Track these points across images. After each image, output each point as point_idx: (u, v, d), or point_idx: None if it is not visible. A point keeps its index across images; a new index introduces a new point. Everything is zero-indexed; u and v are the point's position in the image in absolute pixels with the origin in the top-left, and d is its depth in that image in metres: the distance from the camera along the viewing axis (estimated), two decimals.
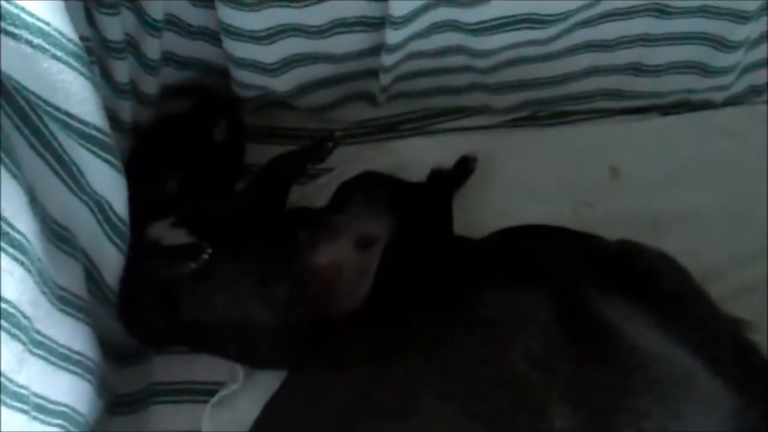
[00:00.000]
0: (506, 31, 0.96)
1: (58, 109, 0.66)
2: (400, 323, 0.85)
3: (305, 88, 1.06)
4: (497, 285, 0.85)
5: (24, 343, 0.65)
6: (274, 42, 0.94)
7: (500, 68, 1.05)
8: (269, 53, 0.96)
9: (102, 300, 0.88)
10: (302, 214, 1.02)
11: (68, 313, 0.76)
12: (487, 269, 0.90)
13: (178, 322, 0.91)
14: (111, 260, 0.85)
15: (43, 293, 0.68)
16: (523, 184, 1.12)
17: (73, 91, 0.66)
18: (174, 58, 1.00)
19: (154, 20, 0.89)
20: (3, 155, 0.61)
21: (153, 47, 0.92)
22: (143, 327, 0.94)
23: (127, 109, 0.95)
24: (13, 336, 0.63)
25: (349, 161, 1.10)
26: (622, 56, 1.07)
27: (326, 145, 0.99)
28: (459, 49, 1.01)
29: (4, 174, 0.61)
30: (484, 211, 1.09)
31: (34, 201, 0.67)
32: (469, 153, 1.09)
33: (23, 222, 0.63)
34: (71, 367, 0.77)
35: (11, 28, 0.58)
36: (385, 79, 1.04)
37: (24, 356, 0.66)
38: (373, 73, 1.05)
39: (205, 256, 0.87)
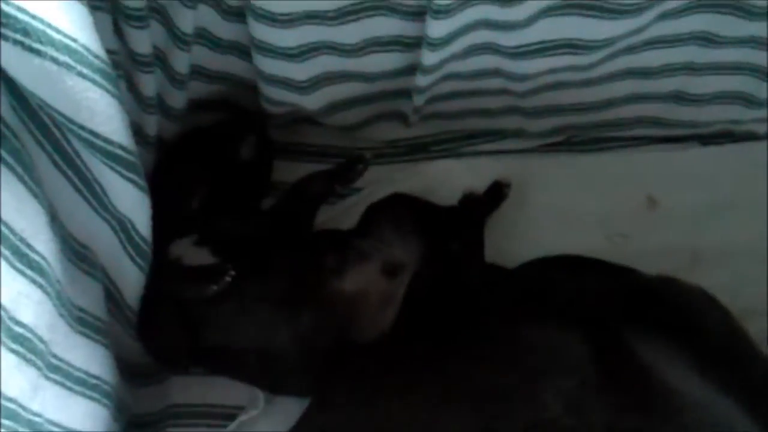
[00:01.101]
0: (546, 55, 0.93)
1: (82, 128, 0.64)
2: (427, 355, 0.83)
3: (336, 107, 1.03)
4: (531, 321, 0.83)
5: (39, 369, 0.63)
6: (306, 59, 0.92)
7: (537, 92, 1.02)
8: (301, 71, 0.94)
9: (121, 319, 0.85)
10: (329, 237, 0.99)
11: (86, 336, 0.73)
12: (520, 303, 0.87)
13: (198, 344, 0.89)
14: (132, 280, 0.83)
15: (61, 315, 0.66)
16: (557, 211, 1.09)
17: (98, 109, 0.63)
18: (202, 72, 0.98)
19: (184, 33, 0.87)
20: (24, 173, 0.59)
21: (182, 61, 0.90)
22: (162, 348, 0.92)
23: (152, 123, 0.93)
24: (28, 361, 0.61)
25: (378, 182, 1.07)
26: (665, 84, 1.04)
27: (356, 167, 0.97)
28: (496, 72, 0.98)
29: (25, 193, 0.60)
30: (516, 239, 1.06)
31: (54, 219, 0.66)
32: (502, 178, 1.06)
33: (43, 242, 0.61)
34: (87, 392, 0.74)
35: (36, 45, 0.55)
36: (418, 100, 1.01)
37: (39, 382, 0.64)
38: (405, 93, 1.02)
39: (228, 279, 0.84)
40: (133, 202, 0.76)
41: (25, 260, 0.59)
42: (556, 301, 0.86)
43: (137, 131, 0.89)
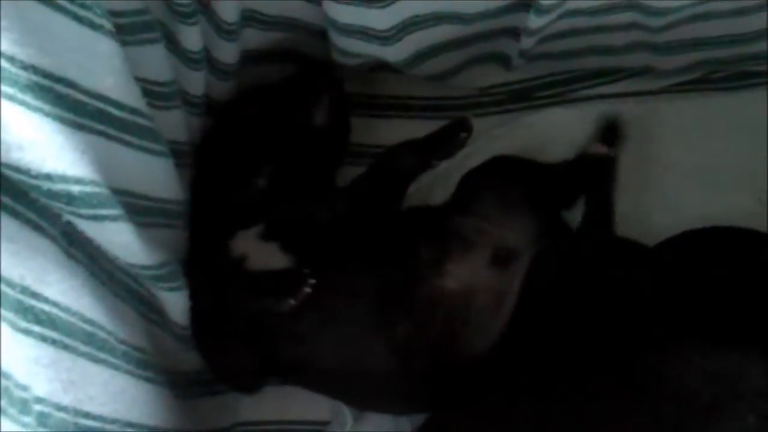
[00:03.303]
0: None
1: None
2: (552, 370, 0.70)
3: (423, 55, 0.87)
4: (689, 336, 0.67)
5: None
6: (391, 3, 0.75)
7: (676, 26, 0.84)
8: (383, 18, 0.77)
9: (168, 331, 0.74)
10: (420, 219, 0.83)
11: (133, 375, 0.62)
12: (673, 310, 0.71)
13: (272, 361, 0.77)
14: (174, 302, 0.71)
15: (98, 362, 0.57)
16: (692, 165, 0.93)
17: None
18: (258, 18, 0.82)
19: None
20: (17, 204, 0.52)
21: (229, 7, 0.76)
22: (228, 369, 0.79)
23: (198, 81, 0.79)
24: None
25: (475, 139, 0.89)
26: None
27: (458, 135, 0.81)
28: (630, 6, 0.80)
29: (21, 229, 0.52)
30: (644, 201, 0.92)
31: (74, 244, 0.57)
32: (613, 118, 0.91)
33: (54, 284, 0.53)
34: None
35: None
36: (527, 42, 0.85)
37: None
38: (509, 32, 0.86)
39: (307, 290, 0.71)
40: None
41: (30, 315, 0.51)
42: (720, 307, 0.70)
43: (179, 90, 0.75)
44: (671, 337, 0.67)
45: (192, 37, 0.73)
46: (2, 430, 0.47)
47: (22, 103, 0.47)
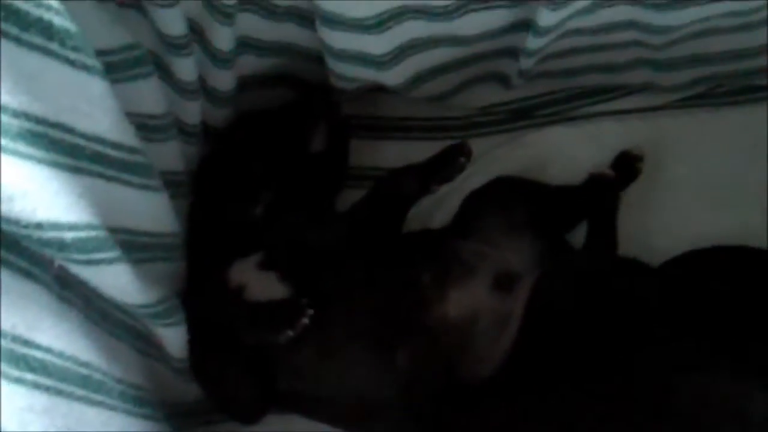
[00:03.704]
0: (701, 4, 0.74)
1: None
2: (556, 398, 0.70)
3: (421, 78, 0.86)
4: (691, 361, 0.68)
5: None
6: (387, 29, 0.74)
7: (679, 42, 0.83)
8: (380, 43, 0.76)
9: (166, 364, 0.73)
10: (420, 244, 0.82)
11: (130, 413, 0.62)
12: (674, 331, 0.71)
13: (272, 391, 0.76)
14: (172, 337, 0.70)
15: (94, 404, 0.57)
16: (699, 183, 0.91)
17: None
18: (253, 44, 0.81)
19: (225, 4, 0.70)
20: (9, 254, 0.51)
21: (224, 36, 0.74)
22: (228, 400, 0.78)
23: (193, 110, 0.78)
24: None
25: (475, 161, 0.86)
26: None
27: (457, 160, 0.79)
28: (630, 25, 0.80)
29: (12, 278, 0.51)
30: (648, 219, 0.90)
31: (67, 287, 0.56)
32: (632, 149, 0.88)
33: (46, 330, 0.53)
34: None
35: None
36: (527, 62, 0.83)
37: None
38: (509, 53, 0.84)
39: (305, 321, 0.70)
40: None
41: (23, 364, 0.51)
42: (723, 332, 0.70)
43: (175, 121, 0.76)
44: (669, 359, 0.68)
45: (186, 68, 0.73)
46: None
47: (14, 152, 0.46)
